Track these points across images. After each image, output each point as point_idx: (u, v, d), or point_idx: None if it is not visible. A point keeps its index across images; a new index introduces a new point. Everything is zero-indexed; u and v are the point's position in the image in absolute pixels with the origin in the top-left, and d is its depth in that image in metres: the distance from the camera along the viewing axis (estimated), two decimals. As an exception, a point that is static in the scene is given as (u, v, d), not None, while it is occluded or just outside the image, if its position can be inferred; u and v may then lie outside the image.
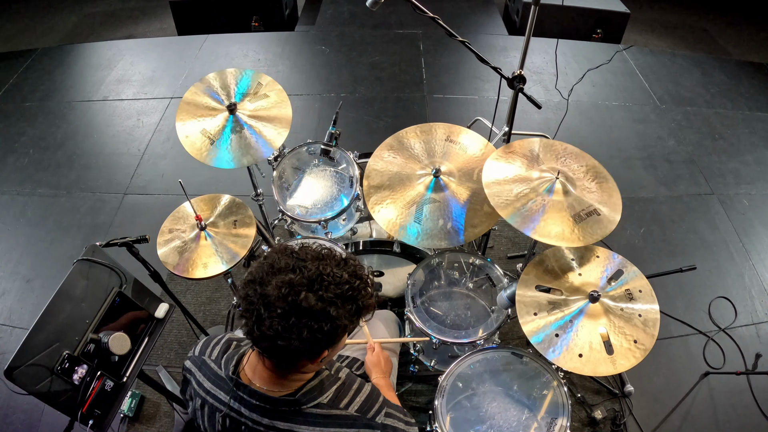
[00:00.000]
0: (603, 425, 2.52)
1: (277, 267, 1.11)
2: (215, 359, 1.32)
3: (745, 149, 4.07)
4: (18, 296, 3.10)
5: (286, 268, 1.10)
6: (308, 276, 1.09)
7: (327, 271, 1.10)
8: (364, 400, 1.28)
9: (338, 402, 1.25)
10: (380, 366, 1.76)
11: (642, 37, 5.74)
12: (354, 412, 1.25)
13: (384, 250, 2.44)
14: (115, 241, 1.91)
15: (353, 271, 1.15)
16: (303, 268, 1.10)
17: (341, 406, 1.24)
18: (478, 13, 5.63)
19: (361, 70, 4.71)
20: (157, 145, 4.02)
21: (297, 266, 1.10)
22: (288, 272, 1.09)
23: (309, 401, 1.22)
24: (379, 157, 2.20)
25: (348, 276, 1.13)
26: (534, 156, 2.06)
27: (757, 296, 3.11)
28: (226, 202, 2.28)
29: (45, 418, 2.57)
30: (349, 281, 1.12)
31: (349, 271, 1.14)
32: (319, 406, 1.22)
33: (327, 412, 1.22)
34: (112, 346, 1.66)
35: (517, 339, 2.74)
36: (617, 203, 1.92)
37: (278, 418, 1.22)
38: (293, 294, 1.06)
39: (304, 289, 1.07)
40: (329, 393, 1.25)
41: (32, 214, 3.56)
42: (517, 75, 2.27)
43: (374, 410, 1.27)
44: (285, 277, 1.08)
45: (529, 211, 1.85)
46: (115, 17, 6.03)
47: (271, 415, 1.22)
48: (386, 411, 1.29)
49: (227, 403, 1.26)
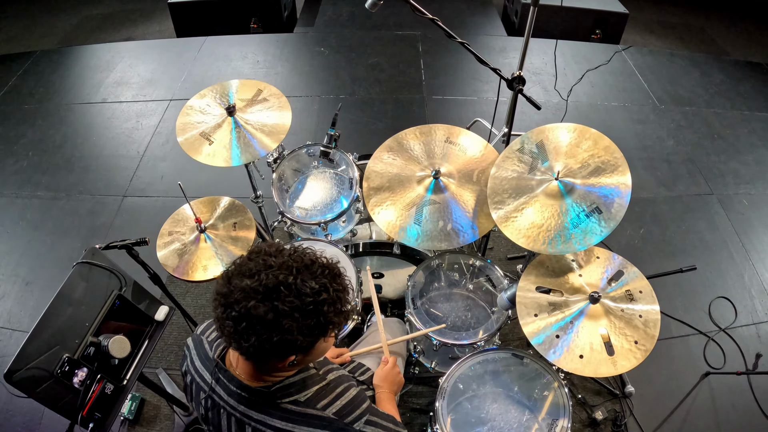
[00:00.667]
0: (604, 426, 2.52)
1: (242, 269, 1.11)
2: (211, 341, 1.34)
3: (745, 149, 4.07)
4: (17, 299, 3.09)
5: (248, 273, 1.09)
6: (266, 284, 1.06)
7: (288, 281, 1.07)
8: (345, 405, 1.26)
9: (315, 402, 1.23)
10: (390, 380, 1.71)
11: (641, 37, 5.75)
12: (331, 414, 1.23)
13: (384, 251, 2.44)
14: (114, 244, 1.91)
15: (324, 284, 1.10)
16: (266, 275, 1.07)
17: (318, 407, 1.23)
18: (476, 14, 5.63)
19: (360, 71, 4.71)
20: (156, 147, 4.01)
21: (258, 272, 1.08)
22: (247, 277, 1.08)
23: (285, 396, 1.21)
24: (379, 158, 2.20)
25: (315, 288, 1.09)
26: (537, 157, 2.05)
27: (757, 296, 3.11)
28: (225, 204, 2.28)
29: (45, 421, 2.57)
30: (313, 294, 1.08)
31: (319, 283, 1.10)
32: (295, 402, 1.22)
33: (302, 410, 1.21)
34: (112, 349, 1.66)
35: (518, 340, 2.74)
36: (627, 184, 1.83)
37: (253, 407, 1.22)
38: (246, 301, 1.06)
39: (256, 298, 1.06)
40: (309, 392, 1.24)
41: (31, 216, 3.55)
42: (516, 76, 2.27)
43: (354, 416, 1.24)
44: (242, 283, 1.07)
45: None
46: (114, 19, 6.02)
47: (246, 403, 1.22)
48: (368, 419, 1.26)
49: (210, 384, 1.27)
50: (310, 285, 1.09)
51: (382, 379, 1.71)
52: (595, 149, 1.92)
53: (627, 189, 1.80)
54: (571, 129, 2.01)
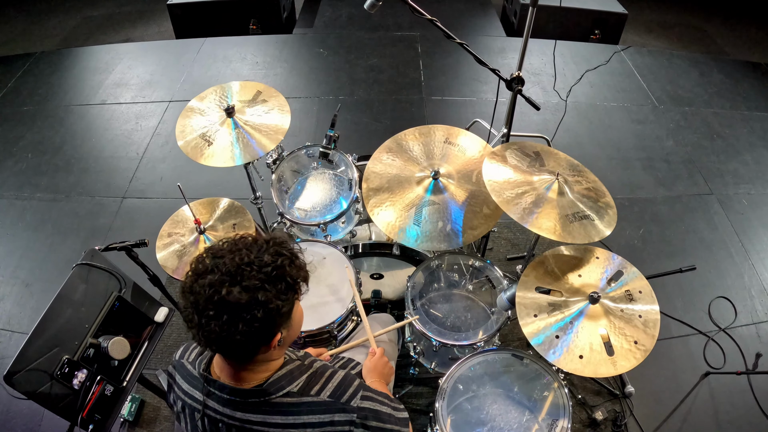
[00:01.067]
0: (604, 426, 2.52)
1: (198, 272, 1.12)
2: (192, 361, 1.34)
3: (744, 149, 4.08)
4: (17, 301, 3.09)
5: (206, 271, 1.11)
6: (227, 271, 1.09)
7: (245, 260, 1.11)
8: (337, 386, 1.27)
9: (309, 389, 1.24)
10: (378, 370, 1.72)
11: (640, 37, 5.75)
12: (326, 398, 1.24)
13: (383, 252, 2.44)
14: (114, 246, 1.91)
15: (275, 251, 1.15)
16: (220, 265, 1.10)
17: (312, 393, 1.24)
18: (475, 14, 5.64)
19: (359, 72, 4.71)
20: (155, 148, 4.01)
21: (214, 265, 1.11)
22: (207, 274, 1.10)
23: (277, 390, 1.22)
24: (378, 159, 2.20)
25: (270, 257, 1.13)
26: (536, 159, 2.06)
27: (756, 296, 3.11)
28: (225, 205, 2.28)
29: (45, 423, 2.57)
30: (271, 262, 1.12)
31: (270, 252, 1.14)
32: (289, 395, 1.22)
33: (298, 400, 1.22)
34: (111, 351, 1.66)
35: (518, 341, 2.74)
36: (610, 221, 1.91)
37: (250, 410, 1.22)
38: (217, 293, 1.07)
39: (225, 285, 1.08)
40: (299, 381, 1.25)
41: (31, 218, 3.55)
42: (515, 76, 2.27)
43: (348, 394, 1.26)
44: (205, 280, 1.09)
45: (527, 204, 1.87)
46: (113, 21, 6.03)
47: (243, 408, 1.22)
48: (363, 394, 1.28)
49: (202, 401, 1.27)
50: (265, 257, 1.13)
51: (370, 370, 1.72)
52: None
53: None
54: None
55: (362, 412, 1.24)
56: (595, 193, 2.00)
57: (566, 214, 1.86)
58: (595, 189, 2.02)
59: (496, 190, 1.89)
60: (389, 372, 1.77)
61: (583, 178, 2.04)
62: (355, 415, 1.23)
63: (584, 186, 2.00)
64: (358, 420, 1.23)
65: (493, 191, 1.88)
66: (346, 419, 1.23)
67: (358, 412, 1.24)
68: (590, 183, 2.03)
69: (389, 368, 1.78)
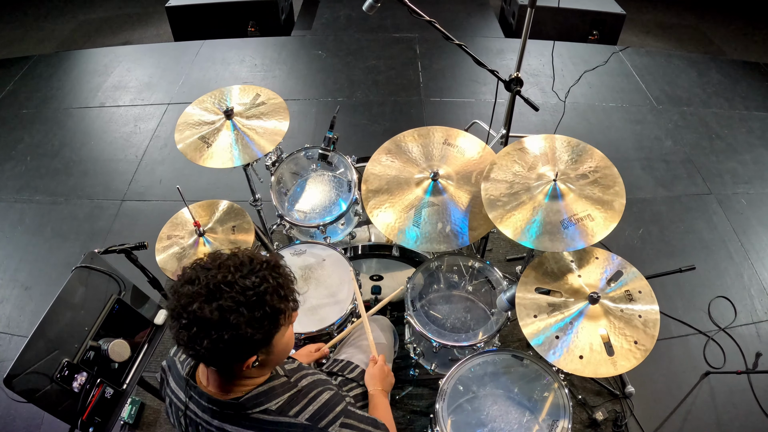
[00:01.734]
0: (604, 426, 2.52)
1: (185, 278, 1.13)
2: (182, 361, 1.34)
3: (743, 149, 4.08)
4: (17, 304, 3.09)
5: (189, 280, 1.11)
6: (206, 286, 1.09)
7: (228, 279, 1.09)
8: (318, 409, 1.24)
9: (288, 409, 1.22)
10: (378, 379, 1.72)
11: (638, 38, 5.76)
12: (304, 420, 1.22)
13: (383, 254, 2.44)
14: (113, 248, 1.91)
15: (263, 276, 1.13)
16: (205, 277, 1.10)
17: (290, 414, 1.22)
18: (474, 16, 5.64)
19: (357, 74, 4.72)
20: (154, 151, 4.01)
21: (197, 277, 1.11)
22: (188, 284, 1.11)
23: (255, 406, 1.21)
24: (377, 161, 2.20)
25: (255, 281, 1.11)
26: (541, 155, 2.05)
27: (756, 295, 3.11)
28: (224, 207, 2.28)
29: (45, 426, 2.56)
30: (254, 287, 1.10)
31: (259, 276, 1.12)
32: (267, 412, 1.21)
33: (274, 419, 1.21)
34: (111, 353, 1.66)
35: (518, 341, 2.74)
36: (616, 213, 1.86)
37: (227, 420, 1.22)
38: (190, 305, 1.08)
39: (200, 299, 1.08)
40: (280, 400, 1.23)
41: (30, 221, 3.55)
42: (514, 77, 2.27)
43: (328, 419, 1.23)
44: (184, 289, 1.10)
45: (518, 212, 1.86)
46: (112, 23, 6.03)
47: (220, 417, 1.23)
48: (343, 421, 1.25)
49: (185, 402, 1.28)
50: (251, 279, 1.11)
51: (372, 378, 1.73)
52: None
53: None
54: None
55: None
56: (604, 182, 1.95)
57: (561, 219, 1.84)
58: (604, 178, 1.96)
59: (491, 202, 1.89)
60: (390, 381, 1.78)
61: (591, 166, 2.00)
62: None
63: (591, 180, 1.95)
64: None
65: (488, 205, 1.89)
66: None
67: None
68: (599, 172, 1.97)
69: (391, 378, 1.78)
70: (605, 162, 2.00)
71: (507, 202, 1.89)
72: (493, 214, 1.87)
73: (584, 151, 2.05)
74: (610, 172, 1.97)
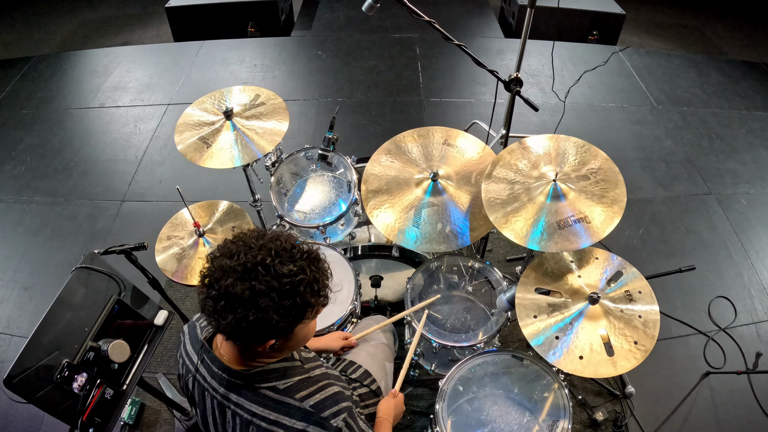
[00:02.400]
0: (604, 427, 2.52)
1: (224, 251, 1.15)
2: (202, 326, 1.37)
3: (743, 148, 4.08)
4: (17, 304, 3.09)
5: (229, 253, 1.13)
6: (245, 264, 1.10)
7: (266, 262, 1.10)
8: (324, 399, 1.24)
9: (294, 392, 1.23)
10: (395, 412, 1.71)
11: (638, 38, 5.76)
12: (308, 406, 1.21)
13: (383, 254, 2.44)
14: (113, 249, 1.90)
15: (302, 267, 1.13)
16: (245, 255, 1.11)
17: (296, 397, 1.22)
18: (473, 16, 5.64)
19: (357, 74, 4.72)
20: (154, 151, 4.01)
21: (238, 253, 1.12)
22: (227, 258, 1.12)
23: (263, 381, 1.22)
24: (377, 161, 2.20)
25: (293, 270, 1.12)
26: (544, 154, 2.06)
27: (756, 295, 3.11)
28: (224, 208, 2.28)
29: (45, 427, 2.56)
30: (290, 275, 1.11)
31: (297, 265, 1.13)
32: (273, 389, 1.22)
33: (279, 398, 1.22)
34: (111, 354, 1.66)
35: (518, 342, 2.74)
36: (615, 214, 1.85)
37: (232, 389, 1.24)
38: (224, 279, 1.10)
39: (235, 276, 1.09)
40: (289, 381, 1.24)
41: (30, 222, 3.55)
42: (513, 78, 2.27)
43: (332, 411, 1.22)
44: (222, 261, 1.12)
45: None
46: (111, 24, 6.03)
47: (227, 385, 1.24)
48: (346, 418, 1.23)
49: (195, 365, 1.30)
50: (288, 267, 1.12)
51: (387, 407, 1.70)
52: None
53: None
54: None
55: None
56: (605, 185, 1.94)
57: (557, 220, 1.84)
58: (606, 181, 1.95)
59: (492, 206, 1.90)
60: (400, 412, 1.76)
61: (594, 168, 1.99)
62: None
63: (592, 181, 1.95)
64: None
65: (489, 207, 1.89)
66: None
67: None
68: (601, 174, 1.97)
69: (402, 410, 1.77)
70: (609, 164, 2.00)
71: (507, 203, 1.89)
72: (493, 216, 1.87)
73: (588, 151, 2.04)
74: (613, 175, 1.96)
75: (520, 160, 2.03)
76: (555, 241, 1.79)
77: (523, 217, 1.85)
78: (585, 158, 2.02)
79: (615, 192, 1.89)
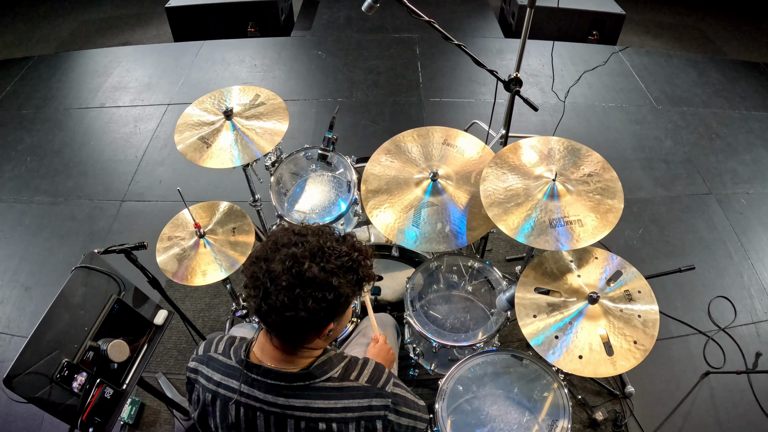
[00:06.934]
0: (604, 426, 2.52)
1: (280, 243, 1.18)
2: (223, 352, 1.35)
3: (743, 148, 4.08)
4: (16, 304, 3.09)
5: (289, 243, 1.17)
6: (310, 249, 1.15)
7: (327, 245, 1.17)
8: (372, 372, 1.32)
9: (348, 375, 1.29)
10: (381, 357, 1.76)
11: (638, 38, 5.76)
12: (364, 383, 1.29)
13: (382, 254, 2.44)
14: (113, 248, 1.90)
15: (352, 245, 1.23)
16: (305, 242, 1.16)
17: (351, 378, 1.28)
18: (473, 16, 5.65)
19: (357, 74, 4.72)
20: (154, 151, 4.01)
21: (299, 241, 1.17)
22: (291, 246, 1.16)
23: (321, 374, 1.26)
24: (377, 161, 2.20)
25: (347, 248, 1.20)
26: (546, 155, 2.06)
27: (756, 295, 3.11)
28: (224, 209, 2.28)
29: (45, 426, 2.56)
30: (348, 253, 1.19)
31: (348, 245, 1.22)
32: (331, 379, 1.26)
33: (339, 385, 1.26)
34: (111, 354, 1.66)
35: (517, 341, 2.74)
36: (608, 224, 1.84)
37: (293, 395, 1.24)
38: (297, 266, 1.13)
39: (307, 260, 1.13)
40: (338, 368, 1.29)
41: (30, 221, 3.55)
42: (513, 78, 2.27)
43: (383, 380, 1.31)
44: (288, 251, 1.15)
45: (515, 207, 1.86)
46: (111, 24, 6.03)
47: (286, 393, 1.24)
48: (394, 381, 1.34)
49: (239, 389, 1.28)
50: (343, 247, 1.20)
51: (375, 356, 1.75)
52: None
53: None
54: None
55: (395, 398, 1.30)
56: (603, 192, 1.95)
57: (551, 218, 1.85)
58: (605, 189, 1.96)
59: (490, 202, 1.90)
60: (392, 358, 1.82)
61: (592, 173, 2.00)
62: (390, 400, 1.28)
63: (591, 187, 1.96)
64: (392, 405, 1.28)
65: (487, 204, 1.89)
66: (382, 404, 1.27)
67: (392, 398, 1.29)
68: (601, 182, 1.98)
69: (392, 354, 1.82)
70: (610, 172, 2.02)
71: (506, 201, 1.89)
72: (492, 213, 1.87)
73: (585, 155, 2.05)
74: (613, 183, 1.98)
75: (518, 161, 2.03)
76: (545, 239, 1.79)
77: (518, 212, 1.86)
78: (587, 163, 2.02)
79: (611, 202, 1.89)
